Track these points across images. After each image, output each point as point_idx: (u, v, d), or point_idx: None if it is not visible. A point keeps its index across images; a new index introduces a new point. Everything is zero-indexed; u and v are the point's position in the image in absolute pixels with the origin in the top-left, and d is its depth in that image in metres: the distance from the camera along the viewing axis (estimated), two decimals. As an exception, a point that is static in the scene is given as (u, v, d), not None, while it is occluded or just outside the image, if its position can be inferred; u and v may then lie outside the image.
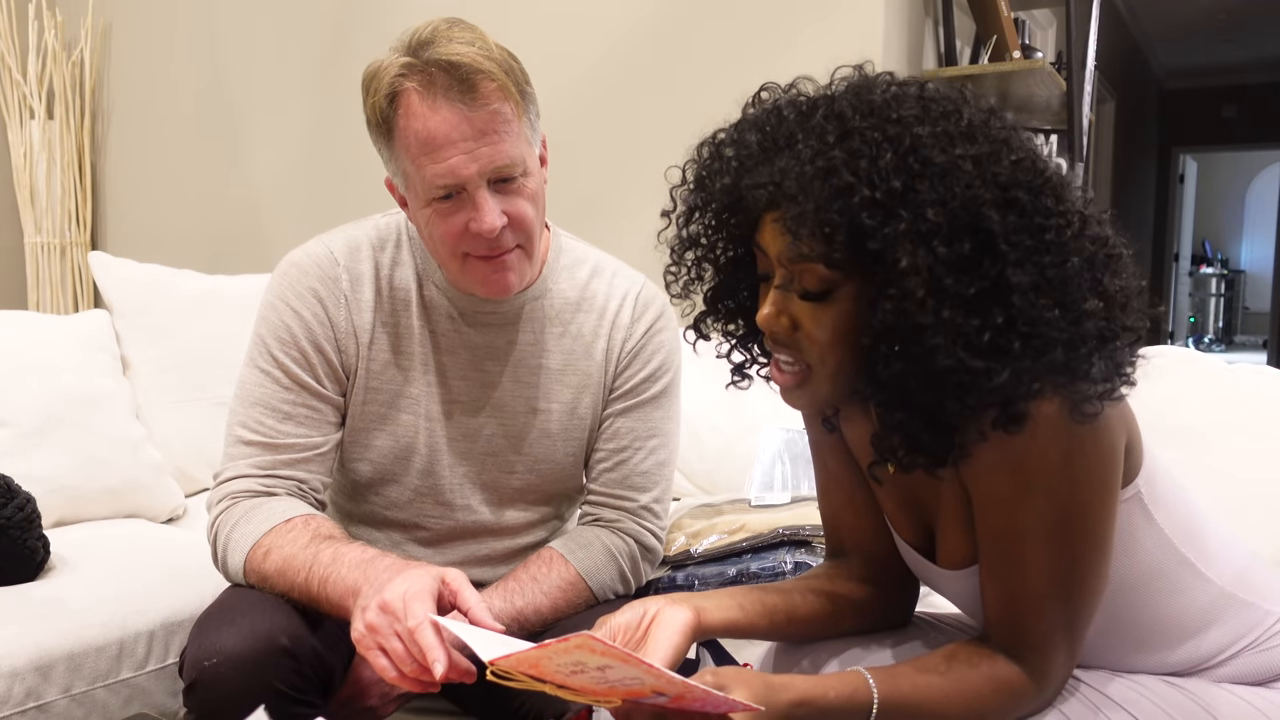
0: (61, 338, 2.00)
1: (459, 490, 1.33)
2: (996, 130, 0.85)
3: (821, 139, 0.84)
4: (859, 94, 0.87)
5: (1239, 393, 1.65)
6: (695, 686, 0.79)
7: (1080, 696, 0.96)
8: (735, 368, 1.05)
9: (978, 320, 0.81)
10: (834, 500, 1.12)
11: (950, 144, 0.82)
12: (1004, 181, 0.82)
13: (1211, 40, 7.78)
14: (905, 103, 0.86)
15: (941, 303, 0.80)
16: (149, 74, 3.33)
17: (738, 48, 2.44)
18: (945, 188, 0.81)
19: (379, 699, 1.21)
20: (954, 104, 0.86)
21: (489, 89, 1.13)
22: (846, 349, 0.88)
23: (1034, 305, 0.80)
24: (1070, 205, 0.84)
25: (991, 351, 0.81)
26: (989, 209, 0.80)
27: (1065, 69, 2.57)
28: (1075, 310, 0.82)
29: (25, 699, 1.35)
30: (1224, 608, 0.98)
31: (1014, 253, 0.81)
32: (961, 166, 0.81)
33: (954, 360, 0.81)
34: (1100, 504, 0.89)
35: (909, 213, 0.80)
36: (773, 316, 0.90)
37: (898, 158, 0.82)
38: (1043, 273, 0.81)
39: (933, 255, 0.80)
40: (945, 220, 0.80)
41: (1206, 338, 11.08)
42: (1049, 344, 0.81)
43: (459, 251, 1.20)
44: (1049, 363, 0.81)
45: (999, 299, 0.81)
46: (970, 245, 0.80)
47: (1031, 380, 0.82)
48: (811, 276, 0.86)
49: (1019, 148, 0.85)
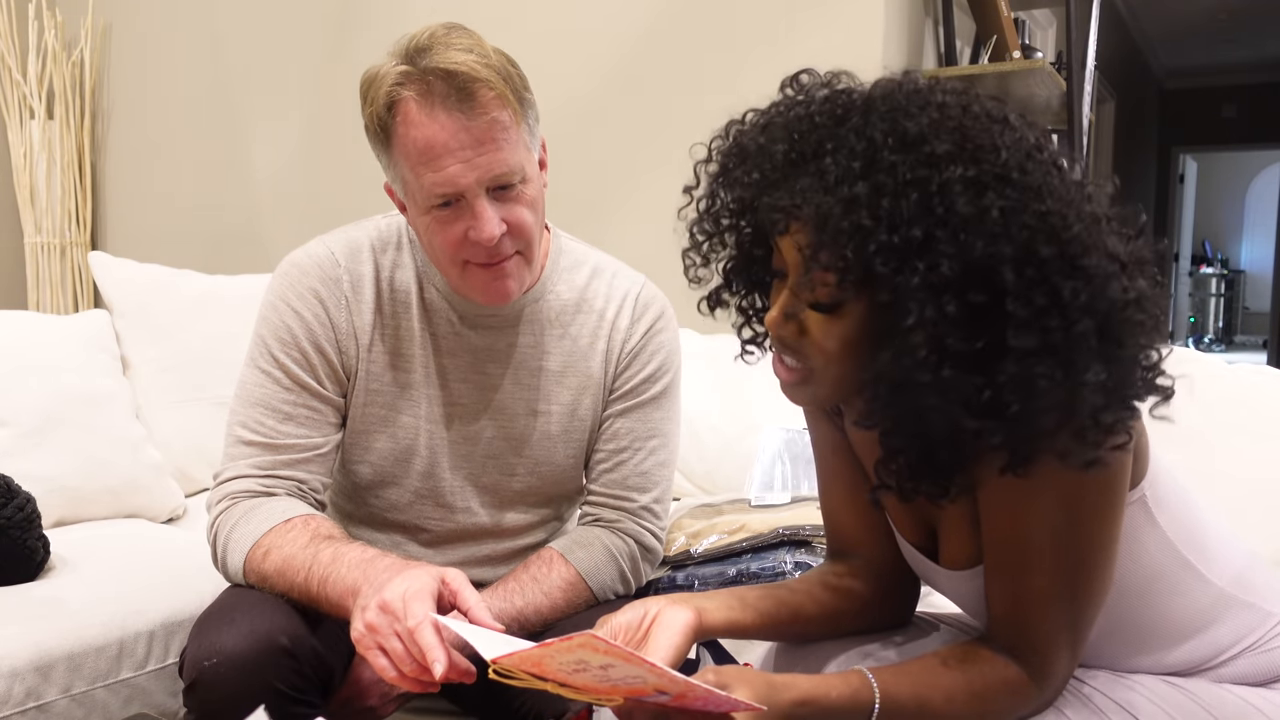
0: (61, 338, 1.99)
1: (459, 493, 1.33)
2: (1034, 174, 0.80)
3: (848, 164, 0.80)
4: (895, 118, 0.81)
5: (1239, 393, 1.65)
6: (698, 685, 0.79)
7: (1081, 697, 0.96)
8: (746, 341, 1.02)
9: (980, 378, 0.79)
10: (835, 500, 1.12)
11: (980, 193, 0.78)
12: (1028, 236, 0.78)
13: (1211, 40, 7.78)
14: (942, 135, 0.80)
15: (942, 361, 0.79)
16: (149, 74, 3.33)
17: (738, 48, 2.44)
18: (966, 239, 0.77)
19: (379, 699, 1.21)
20: (993, 138, 0.80)
21: (487, 97, 1.13)
22: (851, 360, 0.87)
23: (1030, 371, 0.78)
24: (1095, 262, 0.79)
25: (989, 409, 0.79)
26: (1006, 267, 0.77)
27: (1065, 69, 2.57)
28: (1077, 378, 0.78)
29: (25, 699, 1.35)
30: (1225, 609, 0.99)
31: (1021, 313, 0.77)
32: (987, 218, 0.77)
33: (946, 420, 0.80)
34: (1109, 507, 0.89)
35: (924, 264, 0.77)
36: (780, 321, 0.88)
37: (923, 200, 0.77)
38: (1047, 337, 0.78)
39: (940, 313, 0.77)
40: (959, 273, 0.77)
41: (1206, 338, 11.08)
42: (1045, 409, 0.79)
43: (459, 259, 1.20)
44: (1043, 426, 0.80)
45: (1002, 354, 0.78)
46: (983, 298, 0.78)
47: (1023, 440, 0.81)
48: (823, 290, 0.84)
49: (1053, 195, 0.79)
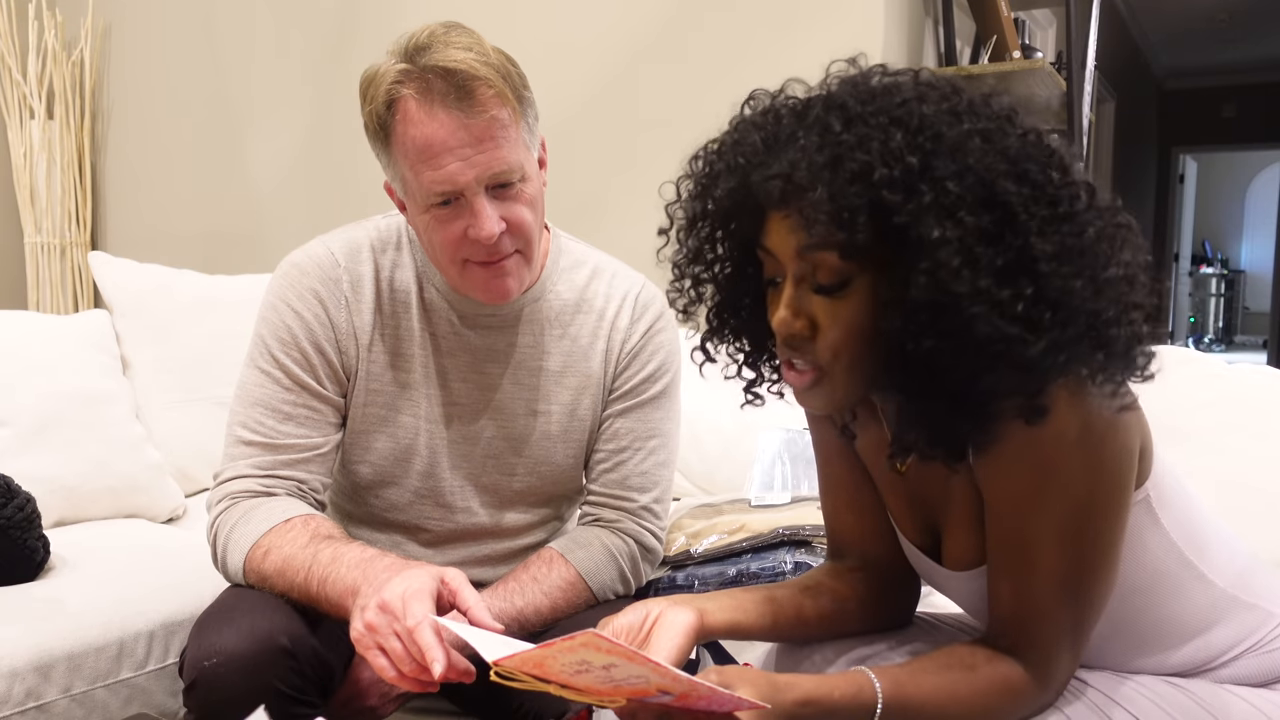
0: (61, 338, 1.99)
1: (459, 493, 1.33)
2: (998, 108, 0.85)
3: (826, 130, 0.83)
4: (855, 85, 0.87)
5: (1239, 393, 1.65)
6: (701, 684, 0.79)
7: (1083, 698, 0.96)
8: (748, 386, 1.03)
9: (1009, 290, 0.80)
10: (836, 501, 1.12)
11: (957, 120, 0.82)
12: (1013, 154, 0.82)
13: (1211, 40, 7.77)
14: (903, 88, 0.85)
15: (976, 272, 0.79)
16: (149, 74, 3.33)
17: (738, 48, 2.44)
18: (961, 160, 0.80)
19: (378, 699, 1.21)
20: (951, 85, 0.87)
21: (486, 95, 1.13)
22: (862, 345, 0.87)
23: (1059, 274, 0.80)
24: (1077, 178, 0.84)
25: (1026, 322, 0.80)
26: (1004, 180, 0.80)
27: (1065, 69, 2.57)
28: (1097, 280, 0.81)
29: (25, 699, 1.35)
30: (1226, 609, 0.98)
31: (1034, 222, 0.80)
32: (972, 141, 0.81)
33: (991, 328, 0.79)
34: (1116, 506, 0.89)
35: (930, 187, 0.80)
36: (789, 319, 0.88)
37: (908, 136, 0.81)
38: (1063, 242, 0.80)
39: (961, 226, 0.79)
40: (966, 192, 0.80)
41: (1206, 338, 11.07)
42: (1075, 314, 0.80)
43: (458, 258, 1.20)
44: (1075, 334, 0.81)
45: (1026, 270, 0.80)
46: (991, 217, 0.80)
47: (1060, 352, 0.81)
48: (826, 270, 0.85)
49: (1021, 123, 0.85)
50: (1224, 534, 1.02)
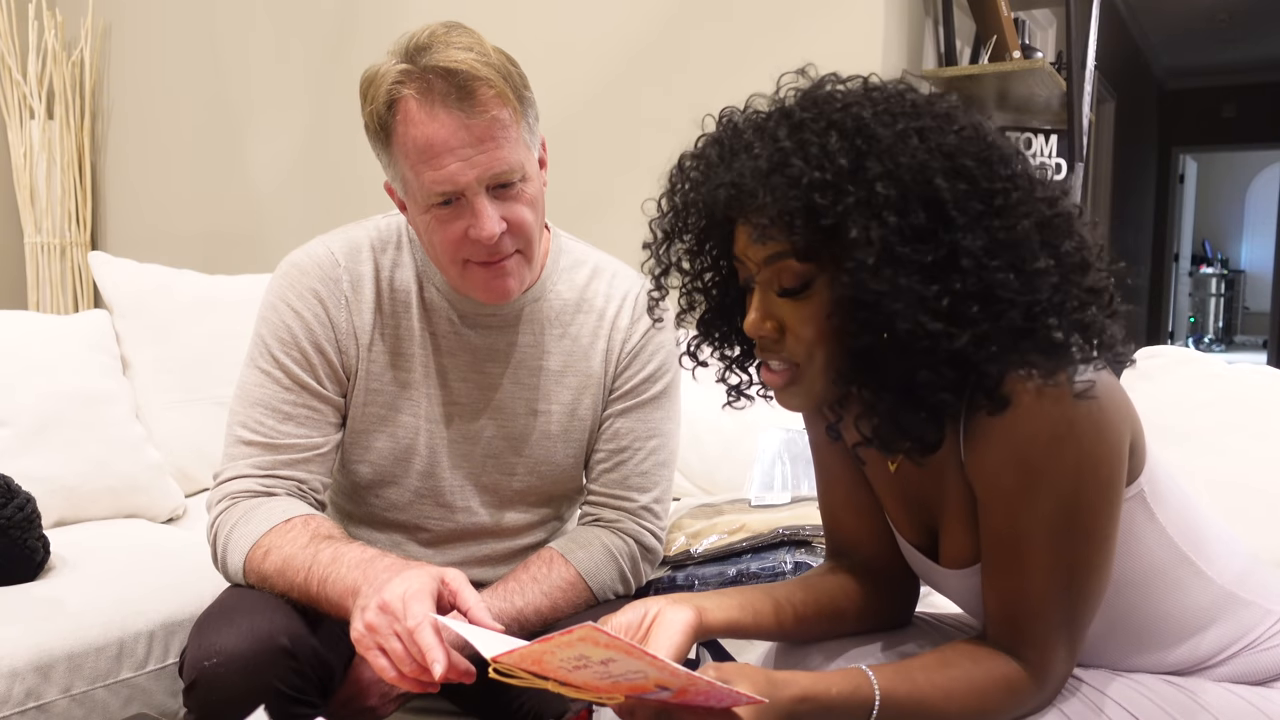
0: (61, 338, 1.99)
1: (459, 492, 1.33)
2: (940, 107, 0.88)
3: (773, 138, 0.87)
4: (806, 94, 0.91)
5: (1239, 393, 1.65)
6: (699, 679, 0.79)
7: (1080, 695, 0.96)
8: (731, 388, 1.06)
9: (936, 286, 0.82)
10: (834, 501, 1.12)
11: (893, 120, 0.85)
12: (950, 150, 0.84)
13: (1211, 40, 7.77)
14: (850, 93, 0.89)
15: (897, 271, 0.82)
16: (149, 74, 3.33)
17: (737, 48, 2.44)
18: (893, 160, 0.83)
19: (379, 699, 1.21)
20: (897, 89, 0.90)
21: (487, 95, 1.13)
22: (831, 343, 0.90)
23: (985, 268, 0.82)
24: (1017, 170, 0.86)
25: (950, 316, 0.82)
26: (938, 177, 0.83)
27: (1065, 69, 2.57)
28: (1027, 271, 0.83)
29: (25, 699, 1.35)
30: (1224, 607, 0.99)
31: (963, 218, 0.83)
32: (907, 140, 0.84)
33: (911, 323, 0.82)
34: (1105, 503, 0.89)
35: (857, 188, 0.83)
36: (758, 321, 0.92)
37: (844, 139, 0.84)
38: (993, 236, 0.83)
39: (884, 225, 0.82)
40: (896, 191, 0.82)
41: (1206, 338, 11.07)
42: (1004, 305, 0.83)
43: (459, 258, 1.20)
44: (1008, 327, 0.83)
45: (955, 266, 0.83)
46: (924, 215, 0.83)
47: (991, 344, 0.83)
48: (788, 274, 0.89)
49: (962, 120, 0.87)
50: (1222, 531, 1.02)
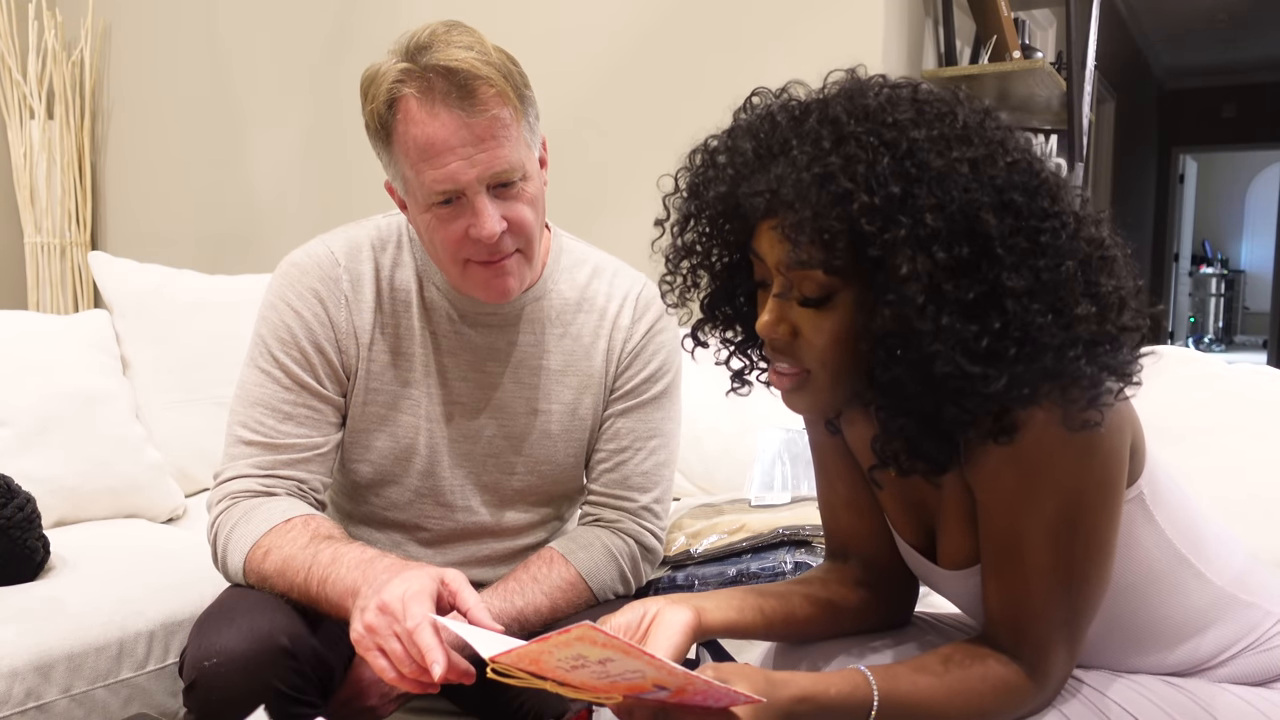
0: (61, 338, 1.99)
1: (459, 491, 1.33)
2: (992, 132, 0.85)
3: (817, 145, 0.84)
4: (853, 98, 0.86)
5: (1239, 393, 1.65)
6: (697, 678, 0.79)
7: (1080, 697, 0.96)
8: (734, 374, 1.05)
9: (976, 326, 0.80)
10: (834, 502, 1.12)
11: (947, 148, 0.82)
12: (1000, 184, 0.82)
13: (1211, 40, 7.77)
14: (900, 106, 0.85)
15: (940, 309, 0.80)
16: (149, 74, 3.33)
17: (737, 48, 2.44)
18: (943, 192, 0.80)
19: (378, 699, 1.21)
20: (948, 105, 0.86)
21: (488, 94, 1.13)
22: (846, 354, 0.88)
23: (1027, 310, 0.80)
24: (1065, 206, 0.84)
25: (988, 357, 0.81)
26: (986, 213, 0.80)
27: (1065, 69, 2.57)
28: (1067, 315, 0.81)
29: (25, 699, 1.35)
30: (1224, 608, 0.99)
31: (1010, 256, 0.80)
32: (958, 170, 0.81)
33: (952, 366, 0.81)
34: (1105, 506, 0.89)
35: (908, 218, 0.80)
36: (772, 324, 0.89)
37: (895, 162, 0.81)
38: (1038, 276, 0.81)
39: (932, 261, 0.80)
40: (944, 225, 0.80)
41: (1206, 338, 11.07)
42: (1041, 349, 0.81)
43: (459, 257, 1.20)
44: (1040, 368, 0.81)
45: (995, 304, 0.81)
46: (968, 250, 0.80)
47: (1024, 386, 0.82)
48: (811, 283, 0.86)
49: (1014, 149, 0.84)
50: (1222, 532, 1.02)
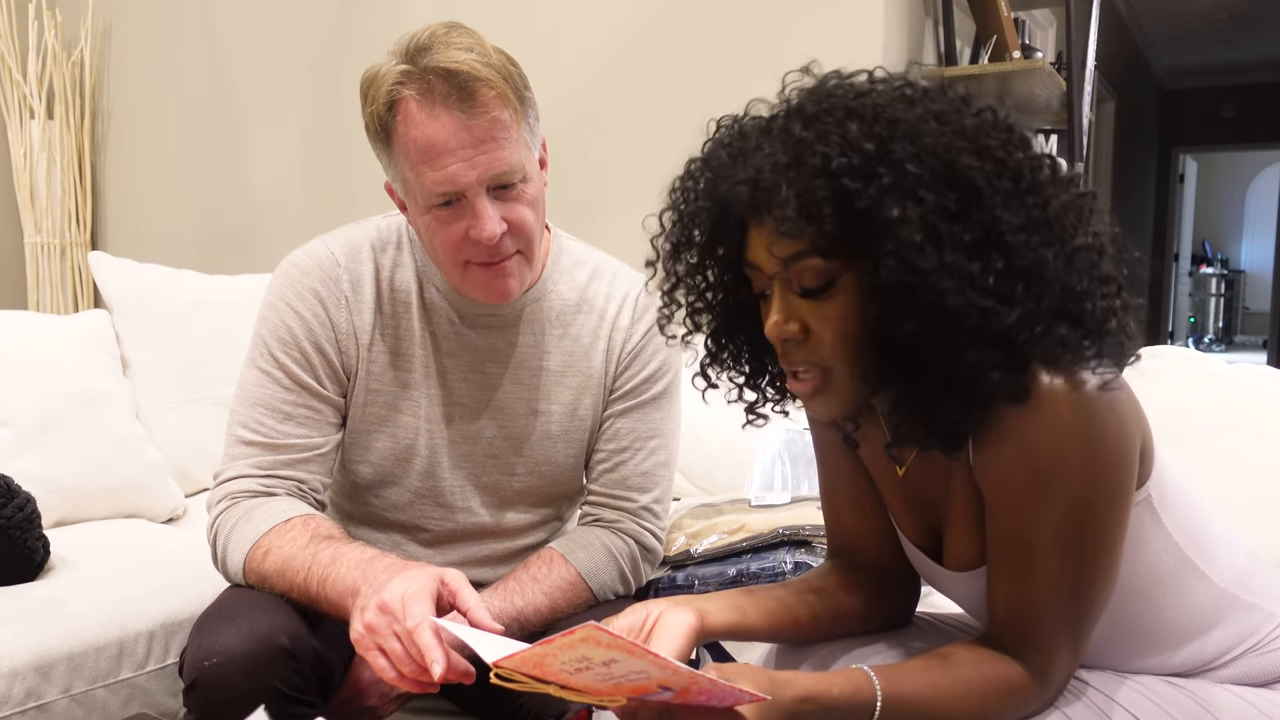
0: (61, 338, 1.99)
1: (459, 492, 1.33)
2: (952, 93, 0.87)
3: (788, 133, 0.86)
4: (813, 91, 0.89)
5: (1239, 393, 1.65)
6: (702, 677, 0.79)
7: (1083, 697, 0.96)
8: (749, 407, 1.04)
9: (979, 264, 0.81)
10: (837, 502, 1.12)
11: (911, 104, 0.85)
12: (971, 132, 0.84)
13: (1211, 40, 7.78)
14: (858, 85, 0.88)
15: (940, 248, 0.81)
16: (149, 74, 3.33)
17: (737, 48, 2.44)
18: (918, 142, 0.82)
19: (378, 699, 1.21)
20: (904, 78, 0.89)
21: (487, 96, 1.13)
22: (857, 342, 0.88)
23: (1029, 244, 0.81)
24: (1036, 152, 0.86)
25: (997, 294, 0.81)
26: (966, 156, 0.82)
27: (1065, 69, 2.57)
28: (1067, 250, 0.83)
29: (25, 699, 1.35)
30: (1227, 609, 0.98)
31: (997, 196, 0.82)
32: (928, 123, 0.83)
33: (964, 300, 0.81)
34: (1115, 507, 0.89)
35: (888, 169, 0.81)
36: (780, 323, 0.89)
37: (864, 125, 0.83)
38: (1029, 213, 0.82)
39: (921, 204, 0.81)
40: (925, 172, 0.81)
41: (1206, 338, 11.07)
42: (1047, 285, 0.82)
43: (460, 259, 1.20)
44: (1049, 306, 0.82)
45: (994, 244, 0.82)
46: (955, 196, 0.82)
47: (1036, 323, 0.82)
48: (809, 272, 0.87)
49: (979, 105, 0.87)
50: (1224, 534, 1.02)
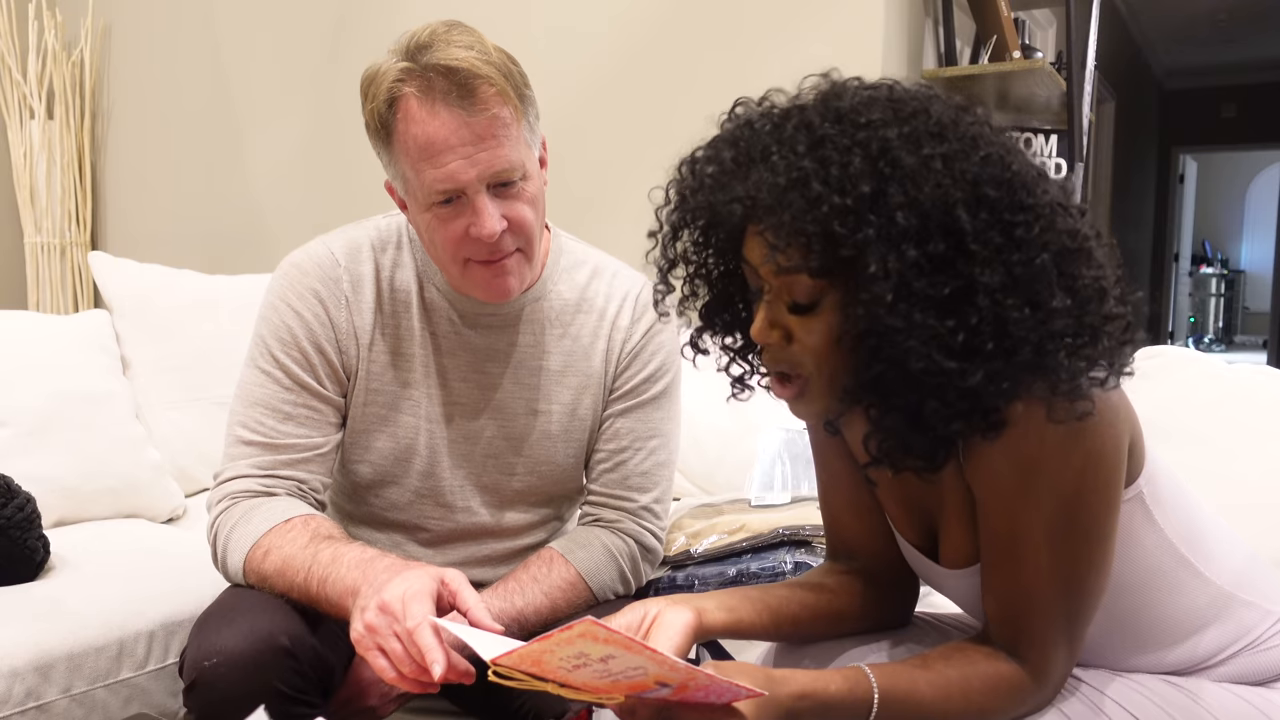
0: (61, 338, 1.99)
1: (459, 492, 1.33)
2: (966, 127, 0.85)
3: (793, 150, 0.85)
4: (827, 101, 0.88)
5: (1239, 393, 1.65)
6: (699, 672, 0.79)
7: (1080, 695, 0.96)
8: (735, 379, 1.05)
9: (951, 321, 0.81)
10: (835, 502, 1.12)
11: (918, 145, 0.83)
12: (973, 179, 0.82)
13: (1211, 40, 7.77)
14: (874, 106, 0.86)
15: (912, 306, 0.81)
16: (149, 74, 3.33)
17: (738, 48, 2.44)
18: (916, 189, 0.81)
19: (379, 699, 1.21)
20: (922, 103, 0.86)
21: (488, 94, 1.13)
22: (840, 356, 0.88)
23: (1001, 305, 0.81)
24: (1040, 199, 0.84)
25: (965, 353, 0.81)
26: (959, 209, 0.81)
27: (1065, 69, 2.57)
28: (1044, 309, 0.82)
29: (25, 699, 1.35)
30: (1223, 607, 0.99)
31: (983, 252, 0.81)
32: (931, 166, 0.82)
33: (926, 362, 0.81)
34: (1104, 504, 0.89)
35: (878, 217, 0.81)
36: (765, 330, 0.90)
37: (867, 162, 0.82)
38: (1011, 271, 0.81)
39: (901, 259, 0.80)
40: (916, 221, 0.81)
41: (1206, 338, 11.07)
42: (1018, 343, 0.82)
43: (460, 257, 1.20)
44: (1020, 362, 0.82)
45: (970, 300, 0.81)
46: (943, 246, 0.81)
47: (1003, 380, 0.82)
48: (798, 288, 0.87)
49: (988, 143, 0.85)
50: (1222, 532, 1.02)
